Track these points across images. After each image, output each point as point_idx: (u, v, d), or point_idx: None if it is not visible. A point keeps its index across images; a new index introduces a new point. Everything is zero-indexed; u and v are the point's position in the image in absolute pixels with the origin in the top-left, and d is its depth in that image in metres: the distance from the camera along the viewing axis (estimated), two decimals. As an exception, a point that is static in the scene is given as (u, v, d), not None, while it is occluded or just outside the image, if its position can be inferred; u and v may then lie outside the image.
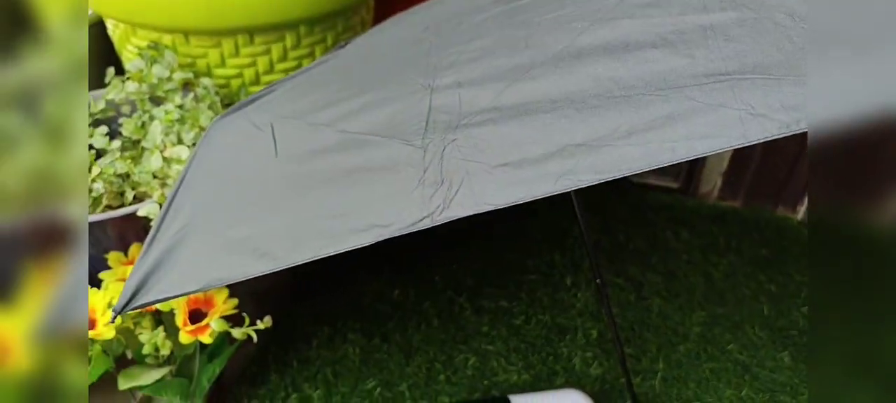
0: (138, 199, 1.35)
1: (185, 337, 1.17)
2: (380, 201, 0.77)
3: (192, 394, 1.32)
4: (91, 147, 1.34)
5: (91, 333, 1.09)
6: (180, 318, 1.18)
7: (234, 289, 1.60)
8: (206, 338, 1.17)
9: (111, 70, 1.49)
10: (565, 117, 0.70)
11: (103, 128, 1.35)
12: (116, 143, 1.35)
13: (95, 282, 1.21)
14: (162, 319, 1.22)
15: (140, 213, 1.23)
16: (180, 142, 1.32)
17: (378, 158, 0.80)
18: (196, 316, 1.21)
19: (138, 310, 1.00)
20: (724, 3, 0.70)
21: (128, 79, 1.44)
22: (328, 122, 0.88)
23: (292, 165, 0.87)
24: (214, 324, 1.18)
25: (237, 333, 1.20)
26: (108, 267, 1.22)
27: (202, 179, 0.98)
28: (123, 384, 1.18)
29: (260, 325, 1.21)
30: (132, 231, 1.29)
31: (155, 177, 1.30)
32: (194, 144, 1.31)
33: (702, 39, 0.69)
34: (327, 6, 1.48)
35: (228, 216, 0.88)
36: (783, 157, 2.10)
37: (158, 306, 1.11)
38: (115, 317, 1.00)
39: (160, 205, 1.20)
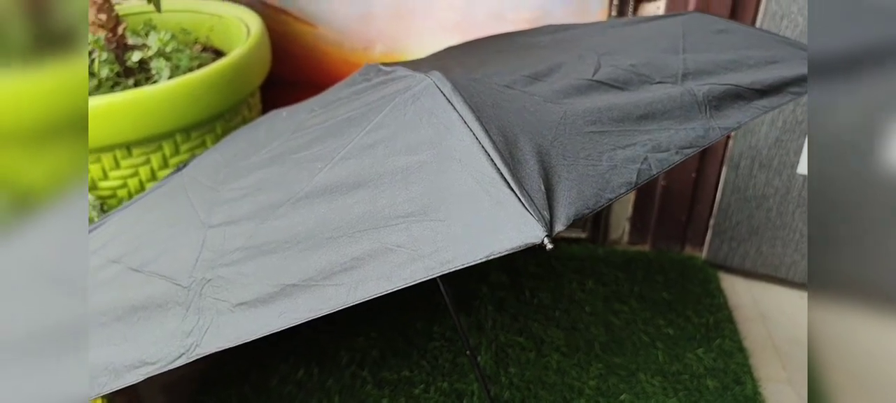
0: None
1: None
2: (151, 340, 0.86)
3: None
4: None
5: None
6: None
7: (143, 383, 1.68)
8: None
9: None
10: (289, 258, 0.79)
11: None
12: None
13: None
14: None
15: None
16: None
17: (156, 297, 0.89)
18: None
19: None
20: (416, 147, 0.79)
21: (16, 199, 1.53)
22: (130, 259, 0.97)
23: (96, 300, 0.96)
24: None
25: (106, 444, 1.27)
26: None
27: None
28: None
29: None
30: None
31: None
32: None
33: (399, 180, 0.77)
34: (199, 116, 1.58)
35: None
36: (680, 201, 2.17)
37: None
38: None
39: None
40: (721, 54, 1.07)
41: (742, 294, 2.11)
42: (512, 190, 0.68)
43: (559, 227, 0.67)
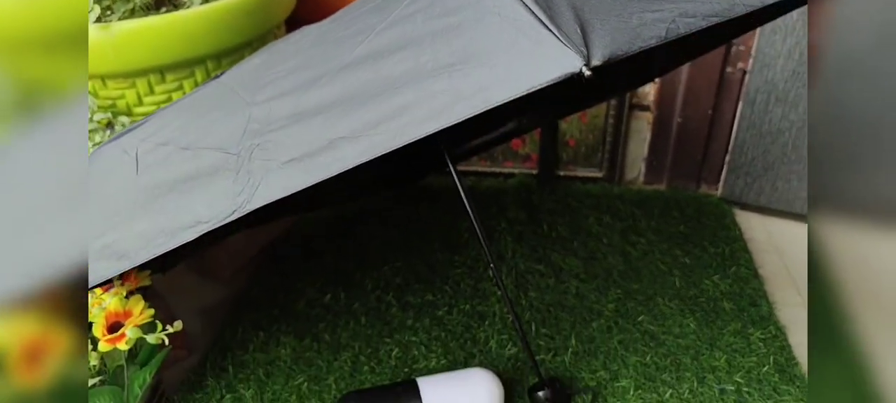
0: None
1: (104, 346, 1.31)
2: (204, 201, 0.91)
3: (126, 400, 1.46)
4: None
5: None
6: (99, 330, 1.32)
7: (180, 308, 1.74)
8: (123, 345, 1.31)
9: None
10: (335, 116, 0.84)
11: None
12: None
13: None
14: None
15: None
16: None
17: (206, 166, 0.94)
18: (115, 327, 1.35)
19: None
20: (455, 10, 0.84)
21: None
22: (178, 140, 1.02)
23: (147, 178, 1.02)
24: (130, 332, 1.32)
25: (151, 338, 1.33)
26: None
27: None
28: (53, 393, 1.32)
29: (170, 329, 1.34)
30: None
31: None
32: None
33: (440, 38, 0.82)
34: (230, 42, 1.63)
35: (97, 228, 1.03)
36: (696, 139, 2.21)
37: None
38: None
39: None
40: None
41: (757, 228, 2.16)
42: (550, 30, 0.73)
43: (596, 61, 0.71)
